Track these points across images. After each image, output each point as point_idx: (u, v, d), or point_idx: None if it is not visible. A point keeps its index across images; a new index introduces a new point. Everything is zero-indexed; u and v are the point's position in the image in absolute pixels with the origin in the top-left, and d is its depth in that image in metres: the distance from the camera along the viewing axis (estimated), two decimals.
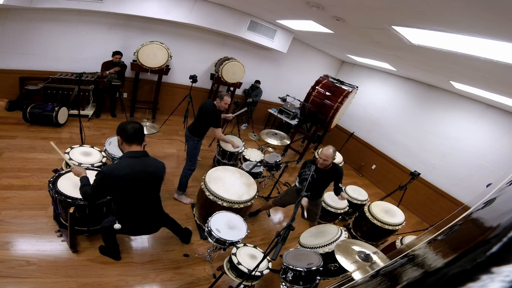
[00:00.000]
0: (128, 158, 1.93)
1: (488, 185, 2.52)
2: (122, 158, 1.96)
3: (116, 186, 1.90)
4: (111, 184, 1.87)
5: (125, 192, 1.97)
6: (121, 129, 1.93)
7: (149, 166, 2.03)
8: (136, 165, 1.93)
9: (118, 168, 1.88)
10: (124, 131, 1.92)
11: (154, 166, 2.07)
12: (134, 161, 1.93)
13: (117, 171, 1.86)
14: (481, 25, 1.79)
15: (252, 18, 5.25)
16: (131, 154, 1.94)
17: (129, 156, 1.94)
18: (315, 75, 5.94)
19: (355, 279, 1.46)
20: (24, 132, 3.97)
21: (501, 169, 4.38)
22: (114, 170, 1.87)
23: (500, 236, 0.42)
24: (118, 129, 1.95)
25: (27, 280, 2.09)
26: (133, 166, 1.92)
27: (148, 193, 2.11)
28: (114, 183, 1.88)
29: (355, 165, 6.87)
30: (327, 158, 2.72)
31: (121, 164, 1.91)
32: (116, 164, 1.92)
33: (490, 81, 3.15)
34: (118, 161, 1.97)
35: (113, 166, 1.91)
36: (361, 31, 3.34)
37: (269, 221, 3.84)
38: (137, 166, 1.93)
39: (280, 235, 1.70)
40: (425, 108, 5.65)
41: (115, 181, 1.86)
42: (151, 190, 2.14)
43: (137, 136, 1.96)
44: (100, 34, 4.84)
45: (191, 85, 5.00)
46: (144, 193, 2.07)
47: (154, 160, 2.10)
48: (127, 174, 1.88)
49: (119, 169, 1.87)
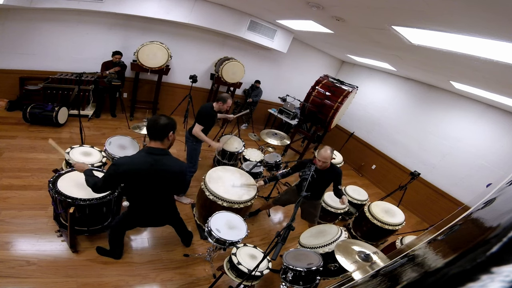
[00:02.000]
0: (144, 154, 1.90)
1: (488, 185, 2.52)
2: (140, 152, 1.95)
3: (126, 179, 1.90)
4: (122, 176, 1.87)
5: (134, 185, 1.96)
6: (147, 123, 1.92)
7: (164, 165, 1.94)
8: (149, 162, 1.88)
9: (131, 162, 1.88)
10: (147, 125, 1.90)
11: (170, 166, 1.98)
12: (149, 158, 1.89)
13: (129, 165, 1.86)
14: (481, 25, 1.79)
15: (252, 18, 5.25)
16: (149, 150, 1.91)
17: (146, 152, 1.91)
18: (315, 75, 5.94)
19: (355, 279, 1.46)
20: (24, 132, 3.97)
21: (501, 169, 4.38)
22: (127, 163, 1.86)
23: (500, 236, 0.42)
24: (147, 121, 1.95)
25: (27, 280, 2.09)
26: (147, 163, 1.88)
27: (157, 189, 2.07)
28: (125, 176, 1.87)
29: (355, 165, 6.87)
30: (326, 159, 2.72)
31: (136, 158, 1.91)
32: (131, 158, 1.91)
33: (490, 81, 3.15)
34: (133, 154, 1.98)
35: (127, 159, 1.90)
36: (361, 31, 3.34)
37: (269, 221, 3.84)
38: (151, 163, 1.88)
39: (280, 235, 1.69)
40: (425, 108, 5.65)
41: (126, 174, 1.86)
42: (161, 187, 2.08)
43: (154, 133, 1.89)
44: (100, 34, 4.84)
45: (191, 85, 5.00)
46: (153, 189, 2.04)
47: (173, 160, 2.01)
48: (139, 169, 1.87)
49: (132, 163, 1.87)
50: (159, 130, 1.87)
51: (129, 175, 1.87)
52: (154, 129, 1.87)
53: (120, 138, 3.25)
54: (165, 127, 1.88)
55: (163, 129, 1.87)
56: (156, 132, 1.88)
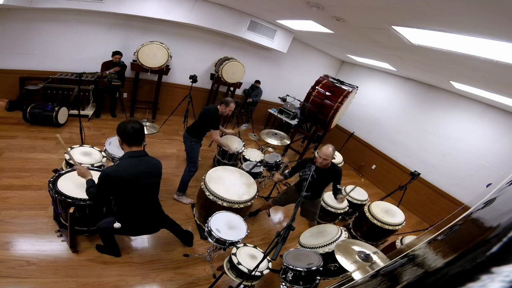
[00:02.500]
0: (129, 158, 1.96)
1: (488, 185, 2.52)
2: (123, 159, 1.98)
3: (118, 186, 1.92)
4: (113, 184, 1.90)
5: (126, 192, 1.99)
6: (121, 130, 1.93)
7: (149, 165, 2.05)
8: (136, 165, 1.96)
9: (120, 168, 1.91)
10: (124, 132, 1.92)
11: (153, 165, 2.10)
12: (134, 161, 1.96)
13: (119, 172, 1.89)
14: (481, 25, 1.79)
15: (252, 18, 5.25)
16: (131, 154, 1.97)
17: (130, 156, 1.96)
18: (315, 75, 5.93)
19: (355, 279, 1.46)
20: (24, 132, 3.97)
21: (501, 169, 4.37)
22: (116, 171, 1.89)
23: (500, 236, 0.42)
24: (118, 129, 1.94)
25: (27, 280, 2.09)
26: (134, 166, 1.94)
27: (148, 192, 2.14)
28: (116, 184, 1.90)
29: (355, 165, 6.87)
30: (327, 157, 2.72)
31: (123, 164, 1.94)
32: (118, 165, 1.94)
33: (490, 81, 3.15)
34: (119, 162, 1.99)
35: (115, 167, 1.93)
36: (361, 31, 3.34)
37: (269, 221, 3.84)
38: (137, 166, 1.96)
39: (280, 235, 1.69)
40: (425, 108, 5.65)
41: (117, 181, 1.89)
42: (151, 189, 2.17)
43: (137, 137, 1.97)
44: (100, 34, 4.84)
45: (191, 85, 5.00)
46: (144, 193, 2.10)
47: (152, 159, 2.13)
48: (129, 174, 1.91)
49: (121, 170, 1.90)
50: (142, 134, 2.00)
51: (120, 179, 1.89)
52: (139, 134, 1.97)
53: None
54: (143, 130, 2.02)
55: (143, 133, 2.03)
56: (141, 136, 2.01)
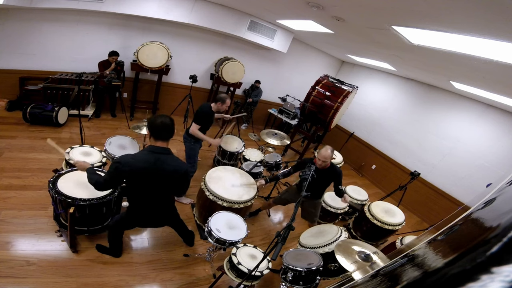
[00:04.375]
0: (148, 152, 1.92)
1: (488, 185, 2.52)
2: (143, 151, 1.96)
3: (129, 176, 1.91)
4: (125, 174, 1.88)
5: (136, 183, 1.98)
6: (151, 122, 1.92)
7: (167, 164, 1.97)
8: (153, 161, 1.91)
9: (135, 160, 1.89)
10: (153, 125, 1.91)
11: (172, 166, 2.00)
12: (152, 156, 1.91)
13: (133, 163, 1.87)
14: (481, 25, 1.79)
15: (252, 18, 5.25)
16: (152, 149, 1.93)
17: (150, 150, 1.93)
18: (315, 75, 5.94)
19: (355, 279, 1.46)
20: (24, 132, 3.97)
21: (501, 169, 4.37)
22: (130, 161, 1.87)
23: (500, 236, 0.42)
24: (149, 121, 1.95)
25: (27, 280, 2.09)
26: (150, 161, 1.90)
27: (158, 189, 2.08)
28: (128, 174, 1.89)
29: (355, 165, 6.87)
30: (326, 159, 2.72)
31: (139, 156, 1.92)
32: (134, 157, 1.91)
33: (490, 81, 3.15)
34: (137, 152, 1.99)
35: (131, 157, 1.90)
36: (361, 31, 3.34)
37: (269, 221, 3.84)
38: (154, 162, 1.91)
39: (280, 235, 1.70)
40: (425, 108, 5.65)
41: (129, 172, 1.87)
42: (162, 187, 2.09)
43: (163, 133, 1.93)
44: (100, 34, 4.84)
45: (191, 85, 5.00)
46: (154, 189, 2.05)
47: (176, 160, 2.05)
48: (142, 167, 1.89)
49: (135, 161, 1.88)
50: (173, 130, 1.95)
51: (133, 172, 1.88)
52: (171, 129, 1.93)
53: (120, 138, 3.26)
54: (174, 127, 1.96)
55: (174, 129, 1.96)
56: (172, 132, 1.95)
